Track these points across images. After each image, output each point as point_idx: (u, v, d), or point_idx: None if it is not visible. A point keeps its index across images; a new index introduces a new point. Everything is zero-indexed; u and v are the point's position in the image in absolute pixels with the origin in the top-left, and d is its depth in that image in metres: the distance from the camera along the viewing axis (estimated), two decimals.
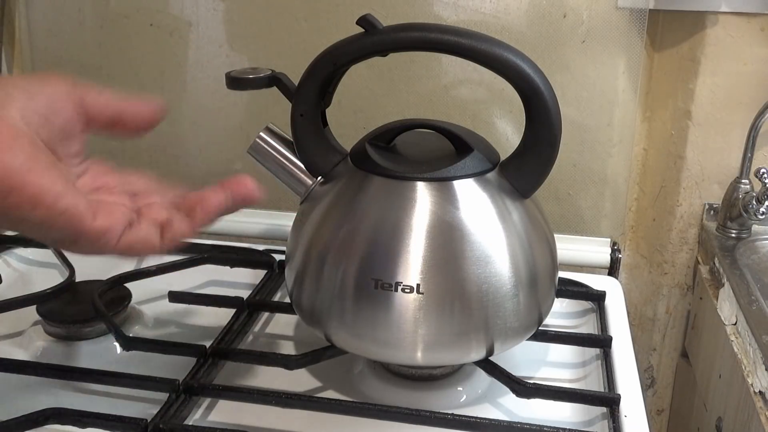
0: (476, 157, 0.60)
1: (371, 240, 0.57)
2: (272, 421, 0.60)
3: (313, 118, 0.62)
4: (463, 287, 0.57)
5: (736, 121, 0.86)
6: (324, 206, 0.61)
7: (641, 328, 0.97)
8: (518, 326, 0.59)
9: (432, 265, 0.56)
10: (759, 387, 0.66)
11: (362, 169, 0.60)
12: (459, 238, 0.57)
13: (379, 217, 0.58)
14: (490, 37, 0.56)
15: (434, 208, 0.57)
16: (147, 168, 0.96)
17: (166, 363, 0.64)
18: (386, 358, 0.62)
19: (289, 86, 0.61)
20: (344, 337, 0.60)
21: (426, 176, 0.58)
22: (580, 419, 0.62)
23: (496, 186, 0.59)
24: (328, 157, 0.63)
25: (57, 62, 0.95)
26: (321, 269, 0.59)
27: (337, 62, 0.58)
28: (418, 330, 0.57)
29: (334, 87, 0.62)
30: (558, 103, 0.57)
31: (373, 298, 0.57)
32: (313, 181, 0.63)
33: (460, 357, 0.60)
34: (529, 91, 0.56)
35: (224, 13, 0.89)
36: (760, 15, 0.82)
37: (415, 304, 0.56)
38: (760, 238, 0.87)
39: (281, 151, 0.63)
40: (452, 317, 0.57)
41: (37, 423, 0.56)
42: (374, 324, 0.58)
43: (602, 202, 0.89)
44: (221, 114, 0.93)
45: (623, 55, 0.83)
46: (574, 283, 0.80)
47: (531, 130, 0.59)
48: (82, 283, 0.76)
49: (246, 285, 0.80)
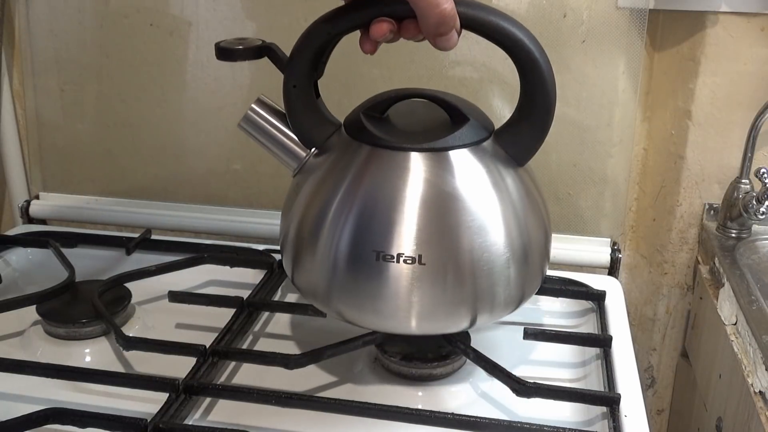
0: (471, 126, 0.60)
1: (370, 211, 0.57)
2: (272, 421, 0.60)
3: (306, 89, 0.61)
4: (463, 257, 0.57)
5: (736, 121, 0.86)
6: (318, 177, 0.60)
7: (641, 328, 0.97)
8: (515, 295, 0.60)
9: (432, 236, 0.57)
10: (759, 387, 0.66)
11: (357, 139, 0.60)
12: (458, 208, 0.57)
13: (377, 189, 0.58)
14: (486, 5, 0.56)
15: (431, 178, 0.57)
16: (147, 168, 0.97)
17: (166, 363, 0.64)
18: (385, 328, 0.61)
19: (280, 56, 0.60)
20: (344, 309, 0.60)
21: (422, 146, 0.58)
22: (580, 419, 0.62)
23: (491, 154, 0.60)
24: (321, 129, 0.62)
25: (57, 62, 0.95)
26: (317, 240, 0.59)
27: (332, 31, 0.57)
28: (419, 300, 0.57)
29: (326, 57, 0.61)
30: (552, 70, 0.57)
31: (375, 269, 0.57)
32: (306, 153, 0.62)
33: (451, 326, 0.61)
34: (524, 59, 0.56)
35: (224, 13, 0.89)
36: (760, 15, 0.82)
37: (417, 275, 0.57)
38: (760, 238, 0.87)
39: (274, 123, 0.63)
40: (454, 287, 0.57)
41: (37, 423, 0.56)
42: (376, 295, 0.58)
43: (602, 202, 0.89)
44: (221, 114, 0.93)
45: (623, 55, 0.83)
46: (574, 283, 0.80)
47: (526, 97, 0.59)
48: (82, 283, 0.76)
49: (246, 285, 0.80)
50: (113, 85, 0.94)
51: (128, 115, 0.95)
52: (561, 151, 0.87)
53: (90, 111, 0.96)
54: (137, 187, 0.98)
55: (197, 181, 0.97)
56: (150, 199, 0.98)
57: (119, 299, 0.74)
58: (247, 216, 0.95)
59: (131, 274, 0.77)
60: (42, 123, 0.98)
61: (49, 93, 0.96)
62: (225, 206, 0.96)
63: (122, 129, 0.96)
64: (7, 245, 0.87)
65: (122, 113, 0.95)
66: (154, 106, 0.94)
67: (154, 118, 0.95)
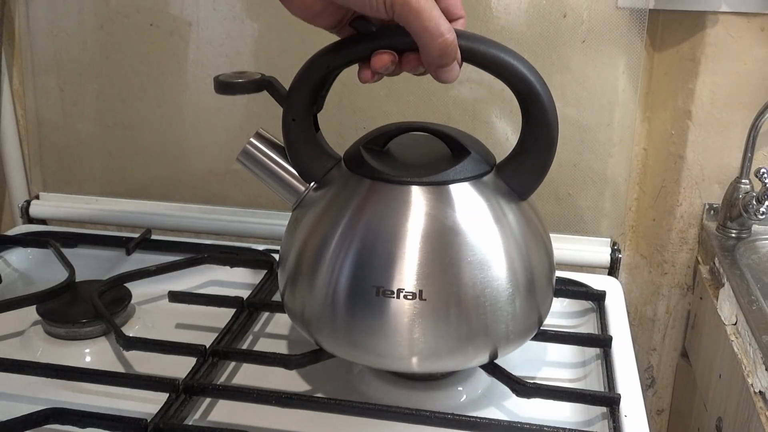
0: (473, 160, 0.59)
1: (370, 245, 0.56)
2: (272, 421, 0.60)
3: (305, 123, 0.60)
4: (465, 292, 0.56)
5: (736, 121, 0.86)
6: (318, 211, 0.60)
7: (641, 328, 0.97)
8: (519, 329, 0.59)
9: (433, 271, 0.56)
10: (759, 387, 0.66)
11: (357, 173, 0.59)
12: (459, 242, 0.56)
13: (377, 223, 0.57)
14: (485, 38, 0.55)
15: (432, 212, 0.56)
16: (147, 168, 0.97)
17: (166, 363, 0.64)
18: (386, 366, 0.61)
19: (279, 90, 0.60)
20: (341, 345, 0.59)
21: (422, 180, 0.57)
22: (580, 419, 0.62)
23: (493, 188, 0.59)
24: (321, 162, 0.62)
25: (57, 62, 0.95)
26: (316, 274, 0.58)
27: (331, 64, 0.57)
28: (421, 337, 0.56)
29: (326, 91, 0.61)
30: (555, 104, 0.57)
31: (375, 305, 0.56)
32: (305, 188, 0.62)
33: (464, 362, 0.60)
34: (526, 92, 0.56)
35: (224, 13, 0.89)
36: (760, 15, 0.82)
37: (417, 311, 0.56)
38: (760, 238, 0.87)
39: (272, 157, 0.62)
40: (455, 323, 0.56)
41: (37, 423, 0.56)
42: (376, 332, 0.57)
43: (602, 202, 0.89)
44: (221, 114, 0.93)
45: (623, 55, 0.83)
46: (574, 283, 0.80)
47: (528, 131, 0.58)
48: (82, 283, 0.76)
49: (246, 285, 0.80)
50: (113, 85, 0.94)
51: (128, 115, 0.95)
52: (561, 151, 0.86)
53: (90, 111, 0.96)
54: (137, 187, 0.98)
55: (197, 181, 0.97)
56: (150, 199, 0.98)
57: (119, 299, 0.74)
58: (247, 216, 0.95)
59: (131, 274, 0.77)
60: (42, 123, 0.98)
61: (49, 93, 0.96)
62: (225, 206, 0.96)
63: (122, 129, 0.96)
64: (7, 245, 0.87)
65: (122, 113, 0.95)
66: (154, 106, 0.94)
67: (154, 118, 0.95)
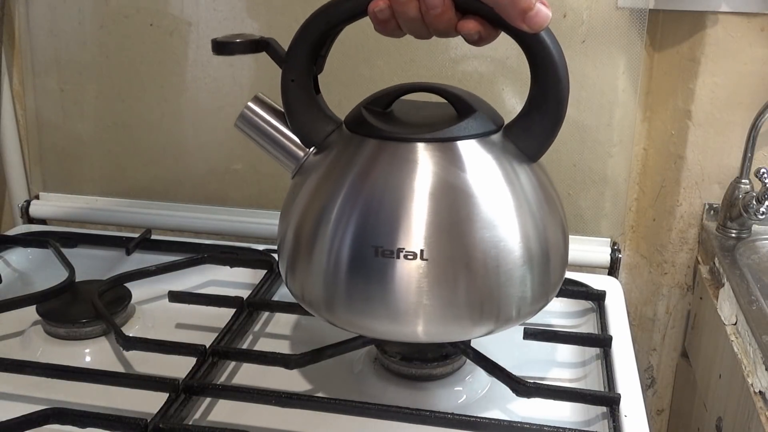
0: (479, 119, 0.56)
1: (369, 204, 0.54)
2: (272, 421, 0.60)
3: (304, 85, 0.58)
4: (470, 253, 0.53)
5: (736, 121, 0.86)
6: (318, 176, 0.57)
7: (641, 328, 0.97)
8: (530, 296, 0.56)
9: (436, 230, 0.53)
10: (759, 387, 0.66)
11: (359, 133, 0.57)
12: (464, 200, 0.53)
13: (378, 181, 0.54)
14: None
15: (437, 169, 0.54)
16: (147, 168, 0.97)
17: (166, 363, 0.64)
18: (386, 335, 0.58)
19: (278, 51, 0.58)
20: (341, 314, 0.56)
21: (427, 137, 0.54)
22: (580, 419, 0.62)
23: (502, 148, 0.56)
24: (321, 126, 0.59)
25: (57, 62, 0.95)
26: (316, 239, 0.55)
27: (331, 21, 0.54)
28: (424, 300, 0.53)
29: (326, 51, 0.58)
30: (564, 58, 0.54)
31: (373, 266, 0.53)
32: (305, 153, 0.60)
33: (466, 332, 0.56)
34: (535, 46, 0.53)
35: (224, 12, 0.89)
36: (760, 15, 0.82)
37: (419, 272, 0.53)
38: (760, 238, 0.87)
39: (271, 122, 0.60)
40: (460, 285, 0.53)
41: (37, 423, 0.56)
42: (374, 296, 0.54)
43: (602, 202, 0.89)
44: (221, 114, 0.93)
45: (623, 55, 0.83)
46: (574, 283, 0.80)
47: (537, 87, 0.55)
48: (82, 283, 0.76)
49: (246, 285, 0.80)
50: (113, 85, 0.94)
51: (128, 115, 0.95)
52: (561, 151, 0.87)
53: (90, 111, 0.96)
54: (137, 187, 0.98)
55: (197, 181, 0.97)
56: (150, 199, 0.98)
57: (119, 299, 0.74)
58: (247, 216, 0.95)
59: (131, 274, 0.77)
60: (42, 123, 0.98)
61: (49, 93, 0.96)
62: (225, 206, 0.96)
63: (122, 129, 0.96)
64: (7, 245, 0.87)
65: (122, 113, 0.95)
66: (154, 106, 0.94)
67: (154, 118, 0.95)
